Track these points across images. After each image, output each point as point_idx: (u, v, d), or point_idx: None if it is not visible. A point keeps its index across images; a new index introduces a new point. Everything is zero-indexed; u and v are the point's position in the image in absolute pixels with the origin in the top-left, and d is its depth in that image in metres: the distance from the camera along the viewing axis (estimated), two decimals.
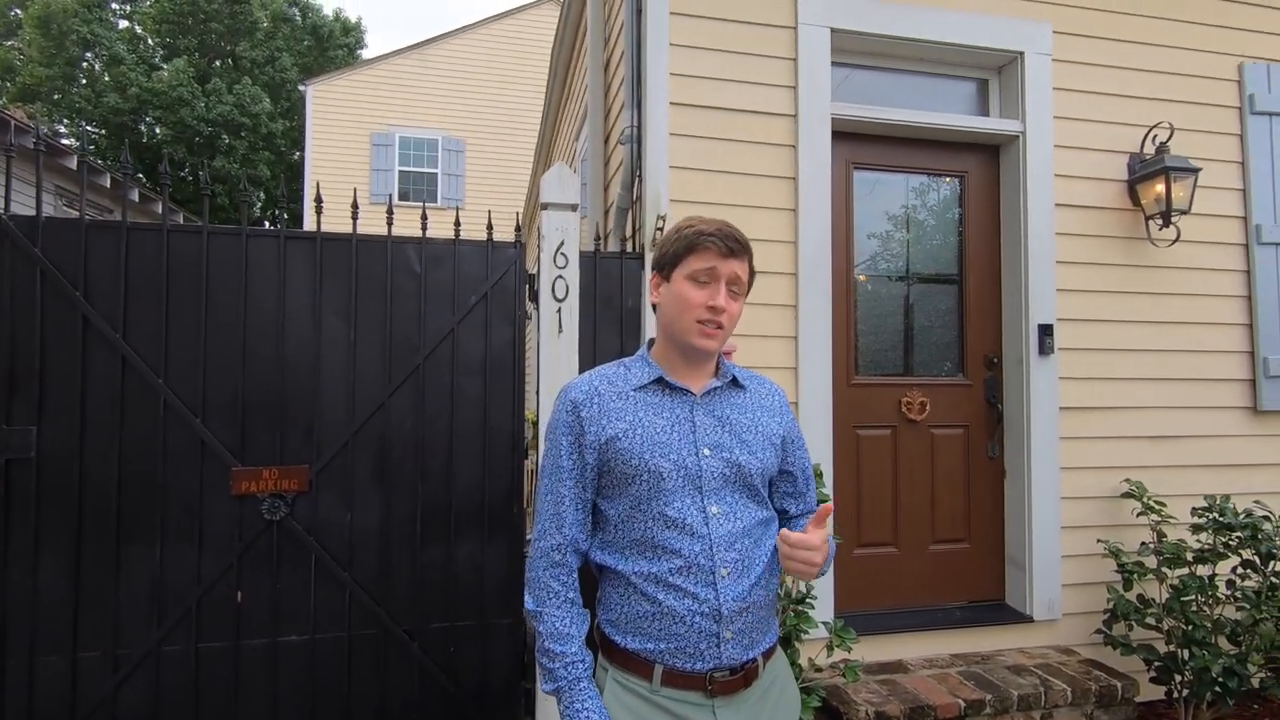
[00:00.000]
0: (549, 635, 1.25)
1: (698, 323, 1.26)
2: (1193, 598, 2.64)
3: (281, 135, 20.38)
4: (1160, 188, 2.98)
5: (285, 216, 2.43)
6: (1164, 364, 3.13)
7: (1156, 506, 2.79)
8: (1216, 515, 2.71)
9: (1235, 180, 3.25)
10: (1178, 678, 2.65)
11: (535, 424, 2.63)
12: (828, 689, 2.49)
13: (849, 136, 3.00)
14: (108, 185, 7.89)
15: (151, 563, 2.20)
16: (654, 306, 1.37)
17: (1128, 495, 2.92)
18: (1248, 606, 2.61)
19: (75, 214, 4.43)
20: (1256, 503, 2.79)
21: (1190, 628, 2.60)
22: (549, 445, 1.34)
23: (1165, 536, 2.78)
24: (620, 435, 1.26)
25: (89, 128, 19.32)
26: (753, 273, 1.35)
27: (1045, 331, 2.99)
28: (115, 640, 2.17)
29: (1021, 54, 3.03)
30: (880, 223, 3.14)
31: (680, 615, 1.20)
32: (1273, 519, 2.66)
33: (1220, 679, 2.50)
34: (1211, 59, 3.24)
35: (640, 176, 2.75)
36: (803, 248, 2.79)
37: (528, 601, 1.31)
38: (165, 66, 19.69)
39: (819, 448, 2.73)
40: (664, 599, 1.21)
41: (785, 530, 1.21)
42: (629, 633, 1.25)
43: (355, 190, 2.55)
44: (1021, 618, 2.97)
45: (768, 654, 1.32)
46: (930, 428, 3.08)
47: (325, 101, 13.27)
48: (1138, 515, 2.86)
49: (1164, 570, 2.71)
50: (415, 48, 13.68)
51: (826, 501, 1.48)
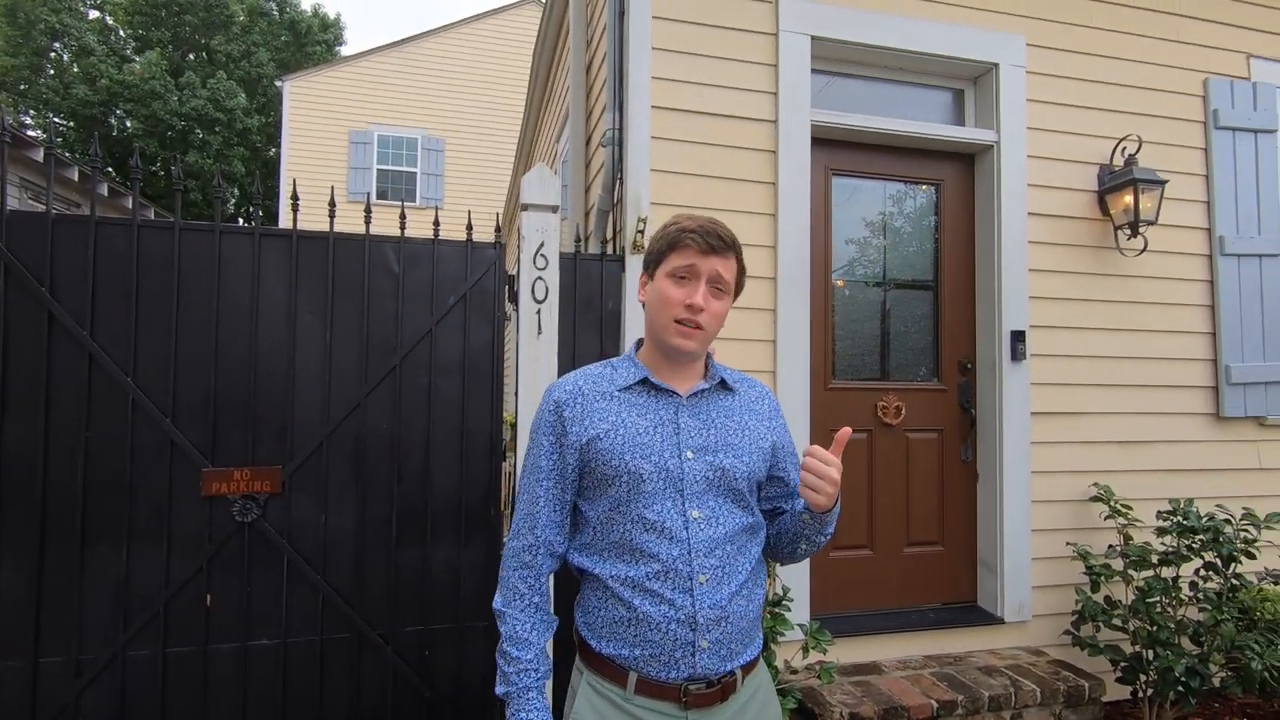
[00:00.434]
0: (508, 638, 1.24)
1: (675, 322, 1.23)
2: (1157, 599, 2.70)
3: (257, 131, 20.06)
4: (1129, 199, 3.05)
5: (260, 214, 2.39)
6: (1132, 371, 3.21)
7: (1124, 510, 2.85)
8: (1180, 519, 2.78)
9: (1200, 193, 3.35)
10: (1142, 677, 2.71)
11: (514, 426, 2.62)
12: (803, 691, 2.51)
13: (828, 143, 3.04)
14: (76, 179, 7.70)
15: (118, 565, 2.15)
16: (643, 305, 1.33)
17: (1096, 499, 2.99)
18: (1209, 608, 2.68)
19: (42, 208, 4.32)
20: (1218, 506, 2.87)
21: (1155, 628, 2.66)
22: (530, 444, 1.32)
23: (1132, 539, 2.84)
24: (601, 435, 1.24)
25: (57, 120, 18.84)
26: (742, 272, 1.31)
27: (1018, 338, 3.04)
28: (79, 645, 2.11)
29: (996, 65, 3.09)
30: (858, 229, 3.17)
31: (655, 622, 1.18)
32: (1234, 522, 2.74)
33: (1183, 678, 2.56)
34: (1178, 74, 3.34)
35: (621, 179, 2.75)
36: (782, 252, 2.82)
37: (496, 600, 1.29)
38: (137, 59, 19.30)
39: (796, 451, 2.75)
40: (639, 604, 1.19)
41: (812, 446, 1.23)
42: (605, 638, 1.23)
43: (333, 188, 2.51)
44: (993, 619, 3.02)
45: (748, 667, 1.27)
46: (905, 432, 3.12)
47: (303, 98, 13.09)
48: (1105, 518, 2.92)
49: (1130, 572, 2.78)
50: (395, 45, 13.56)
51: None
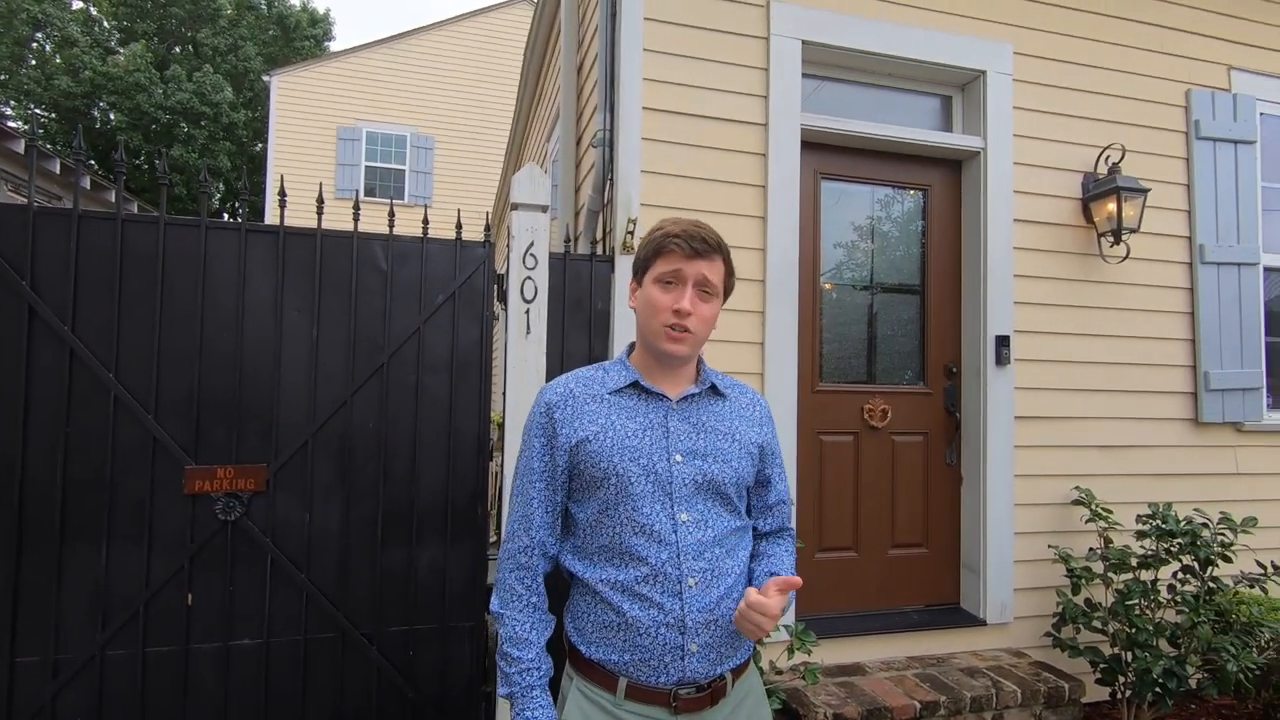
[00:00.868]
0: (508, 639, 1.24)
1: (664, 327, 1.24)
2: (1136, 602, 2.74)
3: (244, 126, 19.85)
4: (1112, 206, 3.10)
5: (246, 209, 2.37)
6: (1113, 376, 3.25)
7: (1104, 514, 2.89)
8: (1159, 522, 2.83)
9: (1181, 201, 3.40)
10: (1121, 679, 2.74)
11: (501, 426, 2.61)
12: (788, 691, 2.52)
13: (818, 147, 3.06)
14: (58, 171, 7.57)
15: (97, 564, 2.12)
16: (634, 311, 1.34)
17: (1078, 502, 3.03)
18: (1187, 610, 2.72)
19: (23, 200, 4.24)
20: (1196, 510, 2.91)
21: (1133, 630, 2.69)
22: (523, 446, 1.32)
23: (1112, 542, 2.88)
24: (591, 438, 1.24)
25: (38, 111, 18.55)
26: (730, 274, 1.31)
27: (1002, 342, 3.07)
28: (56, 644, 2.08)
29: (984, 73, 3.13)
30: (846, 233, 3.20)
31: (644, 626, 1.18)
32: (1211, 526, 2.78)
33: (1160, 680, 2.60)
34: (1162, 85, 3.39)
35: (612, 180, 2.76)
36: (771, 255, 2.83)
37: (493, 603, 1.29)
38: (121, 51, 19.04)
39: (784, 454, 2.76)
40: (628, 609, 1.19)
41: (751, 590, 1.16)
42: (594, 643, 1.23)
43: (321, 184, 2.50)
44: (975, 621, 3.04)
45: (737, 671, 1.27)
46: (891, 435, 3.14)
47: (290, 93, 12.98)
48: (1086, 522, 2.96)
49: (1110, 575, 2.81)
50: (385, 42, 13.48)
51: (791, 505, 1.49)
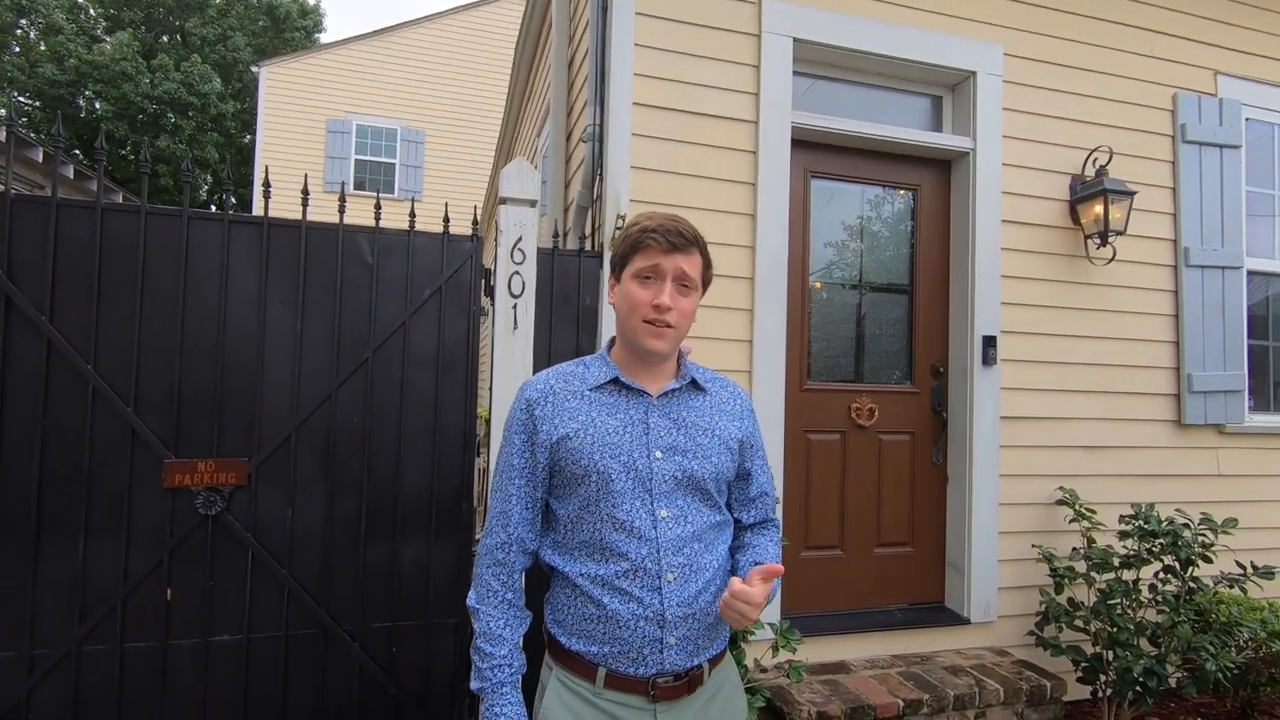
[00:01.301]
0: (482, 634, 1.25)
1: (645, 322, 1.24)
2: (1118, 601, 2.76)
3: (232, 117, 19.64)
4: (1099, 209, 3.12)
5: (233, 201, 2.34)
6: (1098, 377, 3.28)
7: (1087, 514, 2.91)
8: (1142, 523, 2.85)
9: (1167, 205, 3.43)
10: (1102, 678, 2.77)
11: (488, 422, 2.59)
12: (772, 689, 2.53)
13: (808, 145, 3.05)
14: (39, 160, 7.46)
15: (74, 558, 2.09)
16: (614, 307, 1.34)
17: (1061, 502, 3.05)
18: (1167, 610, 2.74)
19: (0, 187, 4.18)
20: (1178, 511, 2.94)
21: (1115, 630, 2.72)
22: (503, 442, 1.32)
23: (1095, 542, 2.90)
24: (571, 435, 1.24)
25: (21, 98, 18.27)
26: (708, 266, 1.31)
27: (989, 343, 3.09)
28: (31, 640, 2.05)
29: (974, 73, 3.13)
30: (836, 231, 3.20)
31: (624, 619, 1.19)
32: (1192, 527, 2.81)
33: (1141, 679, 2.62)
34: (1149, 88, 3.41)
35: (601, 175, 2.74)
36: (760, 253, 2.83)
37: (470, 597, 1.30)
38: (108, 39, 18.80)
39: (771, 451, 2.77)
40: (608, 602, 1.20)
41: (735, 579, 1.17)
42: (574, 634, 1.24)
43: (306, 175, 2.47)
44: (959, 620, 3.06)
45: (715, 660, 1.30)
46: (878, 434, 3.15)
47: (280, 84, 12.85)
48: (1070, 522, 2.98)
49: (1093, 575, 2.84)
50: (376, 34, 13.37)
51: (776, 503, 1.49)
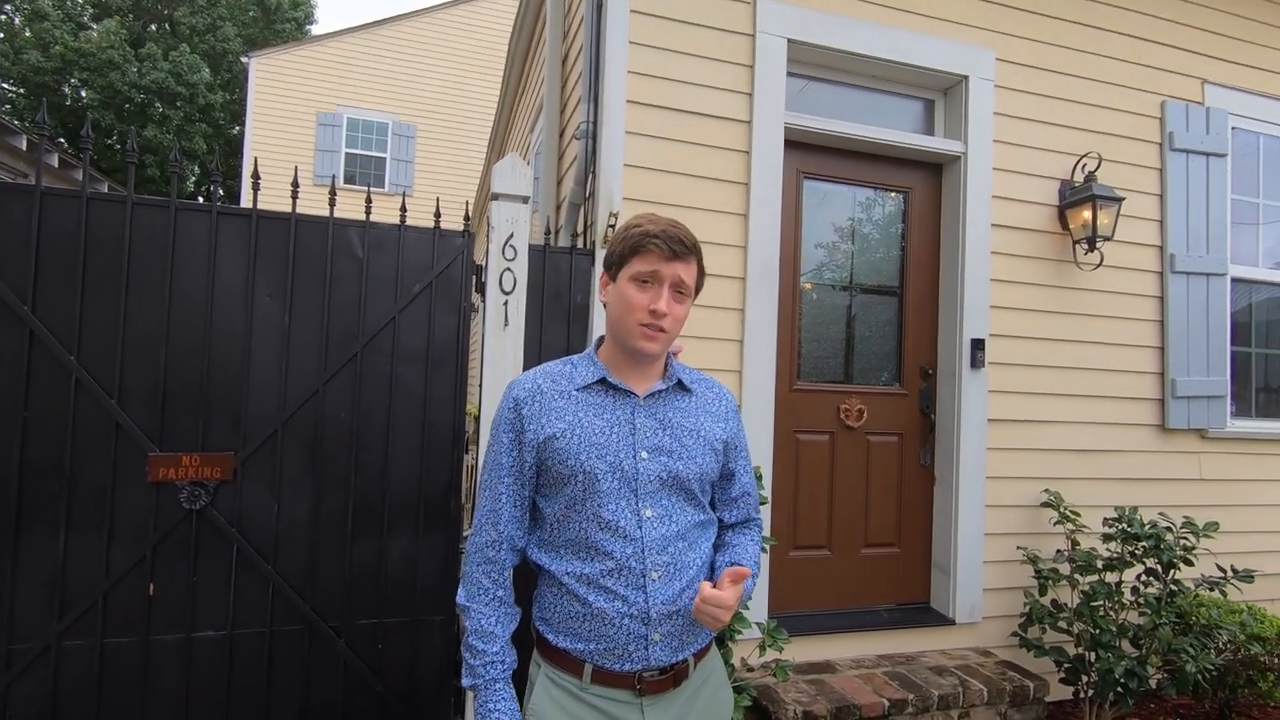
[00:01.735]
0: (474, 632, 1.26)
1: (640, 325, 1.25)
2: (1101, 603, 2.79)
3: (221, 108, 19.42)
4: (1087, 214, 3.14)
5: (221, 192, 2.31)
6: (1084, 381, 3.31)
7: (1072, 516, 2.94)
8: (1125, 526, 2.88)
9: (1154, 211, 3.46)
10: (1084, 678, 2.80)
11: (477, 418, 2.58)
12: (759, 688, 2.53)
13: (801, 146, 3.06)
14: (24, 148, 7.36)
15: (55, 552, 2.06)
16: (605, 305, 1.35)
17: (1047, 505, 3.07)
18: (1149, 612, 2.78)
19: None
20: (1161, 515, 2.97)
21: (1097, 631, 2.75)
22: (491, 441, 1.33)
23: (1079, 545, 2.93)
24: (558, 435, 1.25)
25: (5, 85, 17.99)
26: (702, 274, 1.33)
27: (978, 346, 3.11)
28: (10, 634, 2.01)
29: (966, 78, 3.15)
30: (827, 233, 3.21)
31: (609, 617, 1.21)
32: (1174, 530, 2.84)
33: (1122, 680, 2.65)
34: (1138, 96, 3.45)
35: (594, 173, 2.73)
36: (752, 253, 2.83)
37: (460, 595, 1.30)
38: (95, 26, 18.52)
39: (760, 451, 2.77)
40: (594, 600, 1.21)
41: (704, 584, 1.19)
42: (561, 632, 1.26)
43: (296, 168, 2.44)
44: (945, 620, 3.08)
45: (700, 654, 1.32)
46: (867, 435, 3.16)
47: (270, 76, 12.72)
48: (1055, 524, 3.01)
49: (1076, 577, 2.86)
50: (368, 27, 13.27)
51: (765, 503, 1.49)
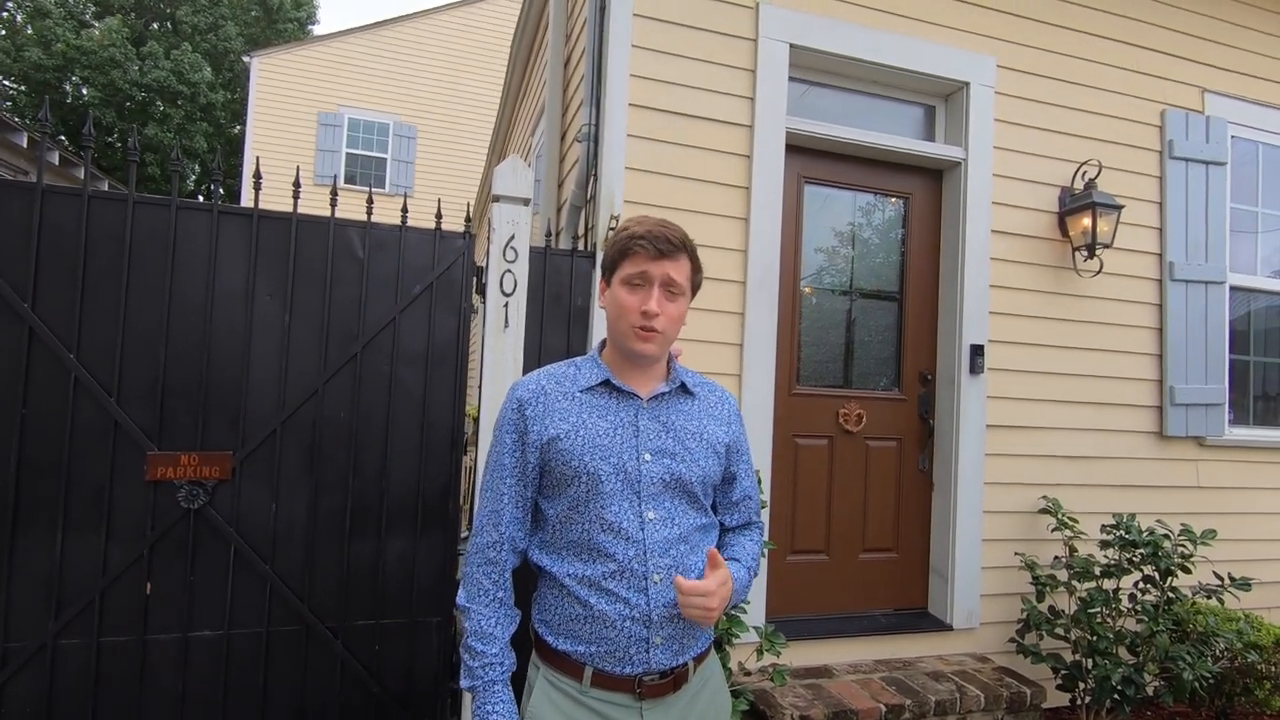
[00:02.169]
0: (473, 633, 1.25)
1: (634, 328, 1.25)
2: (1098, 610, 2.79)
3: (222, 107, 19.43)
4: (1087, 221, 3.15)
5: (221, 191, 2.31)
6: (1083, 388, 3.31)
7: (1070, 523, 2.94)
8: (1123, 533, 2.88)
9: (1154, 219, 3.47)
10: (1081, 685, 2.79)
11: (476, 420, 2.58)
12: (756, 693, 2.53)
13: (802, 151, 3.07)
14: (25, 145, 7.36)
15: (52, 550, 2.05)
16: (604, 310, 1.36)
17: (1045, 511, 3.07)
18: (1146, 619, 2.78)
19: None
20: (1158, 522, 2.98)
21: (1095, 638, 2.75)
22: (494, 441, 1.33)
23: (1076, 551, 2.93)
24: (562, 436, 1.25)
25: (7, 83, 17.99)
26: (697, 271, 1.32)
27: (977, 351, 3.11)
28: (5, 632, 2.01)
29: (967, 84, 3.16)
30: (827, 237, 3.21)
31: (611, 620, 1.21)
32: (1172, 537, 2.84)
33: (1119, 687, 2.65)
34: (1138, 104, 3.46)
35: (595, 175, 2.74)
36: (752, 257, 2.83)
37: (460, 596, 1.29)
38: (96, 24, 18.53)
39: (759, 455, 2.77)
40: (595, 603, 1.21)
41: (679, 578, 1.18)
42: (561, 634, 1.25)
43: (298, 167, 2.45)
44: (942, 626, 3.08)
45: (699, 658, 1.32)
46: (865, 439, 3.16)
47: (271, 75, 12.73)
48: (1053, 530, 3.01)
49: (1074, 583, 2.86)
50: (370, 28, 13.29)
51: (764, 507, 1.50)
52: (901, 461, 3.22)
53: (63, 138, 17.80)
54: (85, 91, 18.18)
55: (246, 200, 14.57)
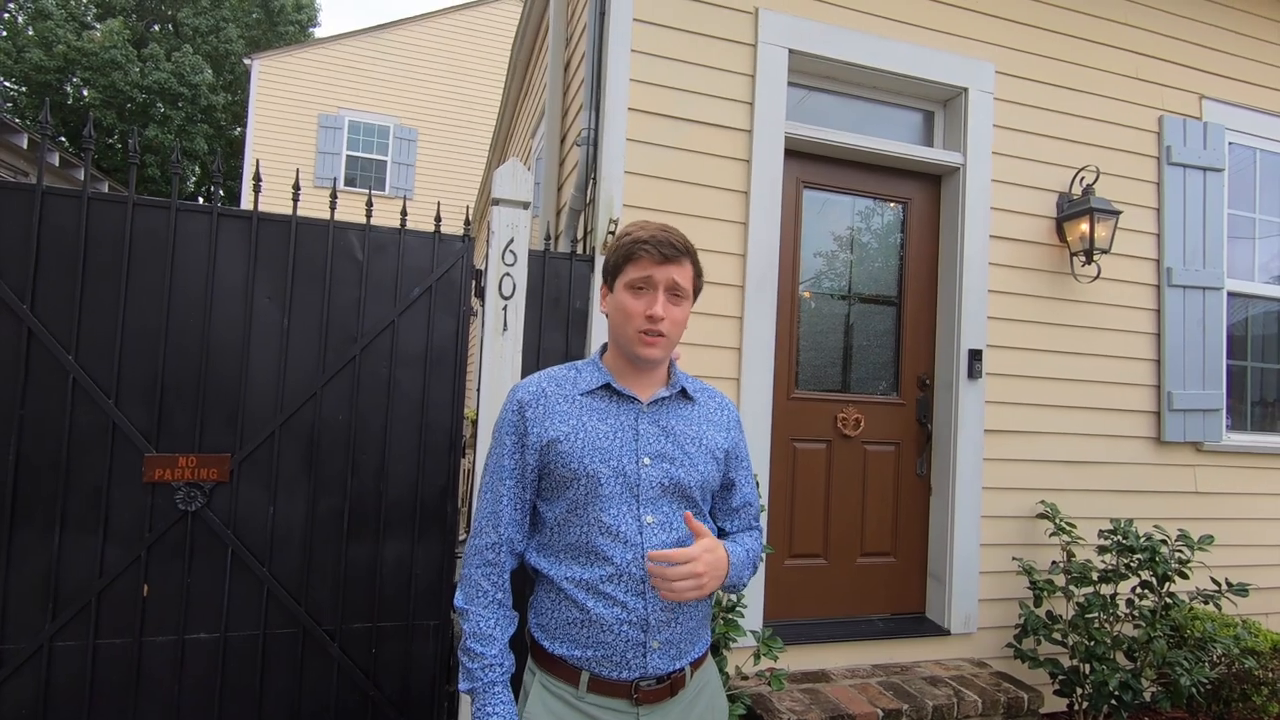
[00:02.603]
0: (472, 635, 1.25)
1: (639, 332, 1.26)
2: (1096, 615, 2.79)
3: (222, 109, 19.47)
4: (1085, 227, 3.16)
5: (221, 193, 2.32)
6: (1081, 393, 3.31)
7: (1067, 528, 2.94)
8: (1120, 538, 2.88)
9: (1151, 225, 3.48)
10: (1079, 690, 2.79)
11: (475, 422, 2.58)
12: (753, 697, 2.53)
13: (801, 155, 3.08)
14: (25, 146, 7.37)
15: (49, 552, 2.05)
16: (606, 316, 1.36)
17: (1042, 516, 3.08)
18: (1144, 624, 2.78)
19: None
20: (1156, 527, 2.98)
21: (1092, 643, 2.75)
22: (493, 443, 1.33)
23: (1074, 556, 2.93)
24: (562, 438, 1.26)
25: (8, 84, 18.01)
26: (698, 275, 1.33)
27: (975, 356, 3.12)
28: (0, 635, 2.00)
29: (966, 90, 3.17)
30: (826, 242, 3.22)
31: (608, 624, 1.20)
32: (1169, 543, 2.85)
33: (1117, 692, 2.65)
34: (1136, 110, 3.47)
35: (595, 179, 2.74)
36: (751, 261, 2.84)
37: (457, 598, 1.29)
38: (98, 26, 18.56)
39: (757, 459, 2.78)
40: (593, 606, 1.21)
41: (654, 551, 1.17)
42: (558, 639, 1.25)
43: (297, 170, 2.45)
44: (940, 630, 3.08)
45: (696, 663, 1.32)
46: (863, 444, 3.17)
47: (272, 77, 12.75)
48: (1050, 535, 3.01)
49: (1071, 588, 2.86)
50: (371, 31, 13.31)
51: (761, 510, 1.50)
52: (899, 466, 3.23)
53: (63, 139, 17.82)
54: (86, 93, 18.20)
55: (246, 202, 14.59)
